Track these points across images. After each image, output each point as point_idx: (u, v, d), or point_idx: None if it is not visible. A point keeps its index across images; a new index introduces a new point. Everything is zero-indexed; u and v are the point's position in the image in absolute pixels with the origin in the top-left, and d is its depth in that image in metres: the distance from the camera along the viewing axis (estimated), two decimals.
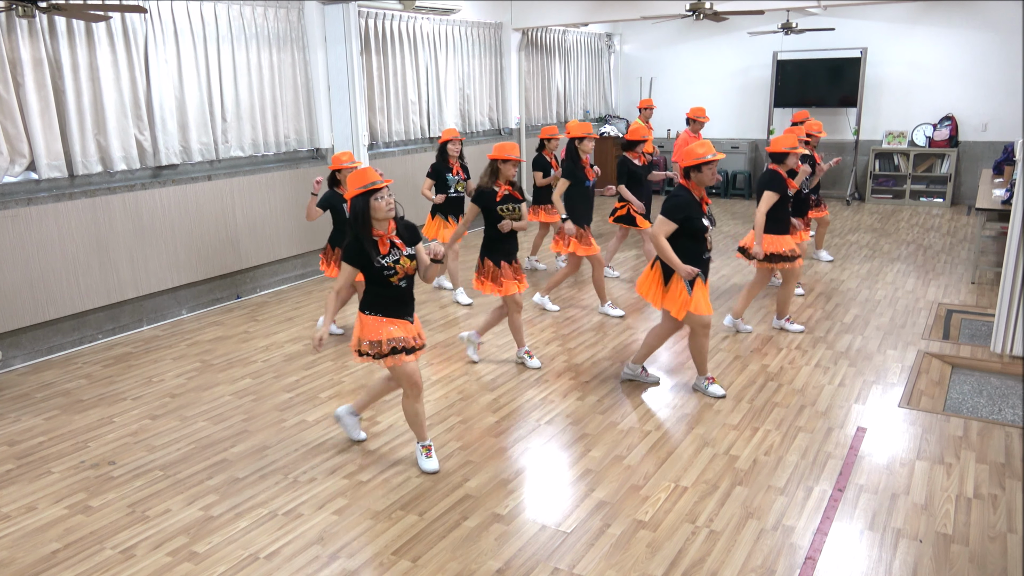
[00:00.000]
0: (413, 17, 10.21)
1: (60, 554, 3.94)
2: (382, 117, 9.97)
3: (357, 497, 4.39)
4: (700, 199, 5.25)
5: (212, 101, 7.84)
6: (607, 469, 4.65)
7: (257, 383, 6.07)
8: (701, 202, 5.26)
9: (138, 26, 7.07)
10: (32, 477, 4.71)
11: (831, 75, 13.21)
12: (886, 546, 3.86)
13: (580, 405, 5.55)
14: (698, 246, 5.29)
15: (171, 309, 7.72)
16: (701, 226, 5.22)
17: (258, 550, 3.92)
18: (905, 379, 5.89)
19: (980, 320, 7.16)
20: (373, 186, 4.21)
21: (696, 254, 5.29)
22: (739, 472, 4.58)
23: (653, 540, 3.94)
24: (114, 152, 7.00)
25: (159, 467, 4.79)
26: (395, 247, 4.36)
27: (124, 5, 5.90)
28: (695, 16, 9.44)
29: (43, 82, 6.45)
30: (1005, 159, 10.04)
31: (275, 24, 8.37)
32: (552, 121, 13.70)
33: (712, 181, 5.23)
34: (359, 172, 4.27)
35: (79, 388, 6.06)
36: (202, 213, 7.79)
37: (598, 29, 14.81)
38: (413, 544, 3.94)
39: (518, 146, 5.97)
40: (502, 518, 4.16)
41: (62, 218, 6.65)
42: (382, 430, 5.22)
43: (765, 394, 5.67)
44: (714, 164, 5.17)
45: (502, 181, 5.86)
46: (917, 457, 4.72)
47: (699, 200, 5.25)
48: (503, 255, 5.93)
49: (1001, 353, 6.28)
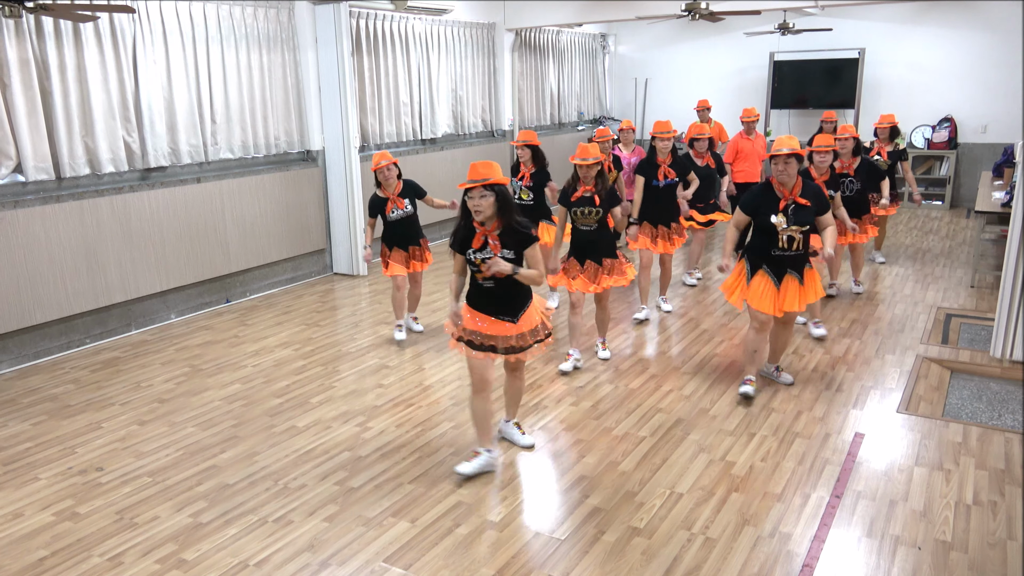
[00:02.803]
0: (405, 17, 10.16)
1: (47, 561, 3.91)
2: (373, 119, 9.91)
3: (348, 504, 4.35)
4: (783, 194, 5.29)
5: (201, 102, 7.77)
6: (601, 475, 4.60)
7: (247, 388, 6.01)
8: (783, 197, 5.28)
9: (126, 26, 6.99)
10: (18, 483, 4.66)
11: (829, 76, 13.17)
12: (884, 553, 3.83)
13: (574, 411, 5.50)
14: (766, 241, 5.36)
15: (160, 313, 7.64)
16: (766, 223, 5.29)
17: (248, 557, 3.89)
18: (903, 384, 5.84)
19: (979, 324, 7.12)
20: (464, 184, 4.24)
21: (765, 249, 5.38)
22: (735, 478, 4.54)
23: (648, 547, 3.90)
24: (102, 154, 6.93)
25: (147, 473, 4.74)
26: (487, 246, 4.30)
27: (112, 5, 5.83)
28: (690, 16, 9.39)
29: (30, 83, 6.38)
30: (1005, 161, 10.00)
31: (265, 24, 8.31)
32: (545, 123, 13.64)
33: (779, 176, 5.25)
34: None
35: (66, 393, 5.99)
36: (191, 216, 7.72)
37: (592, 30, 14.77)
38: (405, 551, 3.91)
39: (595, 147, 5.90)
40: (495, 525, 4.12)
41: (49, 221, 6.57)
42: (371, 436, 5.16)
43: (761, 400, 5.62)
44: (783, 159, 5.19)
45: (583, 183, 5.90)
46: (916, 463, 4.68)
47: (779, 195, 5.30)
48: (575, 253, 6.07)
49: (1001, 358, 6.24)
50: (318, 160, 9.10)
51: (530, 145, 7.28)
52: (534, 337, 4.52)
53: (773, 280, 5.41)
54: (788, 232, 5.27)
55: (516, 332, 4.45)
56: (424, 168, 10.18)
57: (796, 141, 5.24)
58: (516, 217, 4.34)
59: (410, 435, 5.14)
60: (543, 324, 4.58)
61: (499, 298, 4.43)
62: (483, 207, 4.21)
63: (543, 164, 7.34)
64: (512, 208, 4.32)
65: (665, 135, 7.11)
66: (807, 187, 5.33)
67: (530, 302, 4.52)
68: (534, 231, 4.40)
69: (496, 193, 4.23)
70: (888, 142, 8.71)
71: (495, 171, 4.23)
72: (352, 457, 4.89)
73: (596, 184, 5.86)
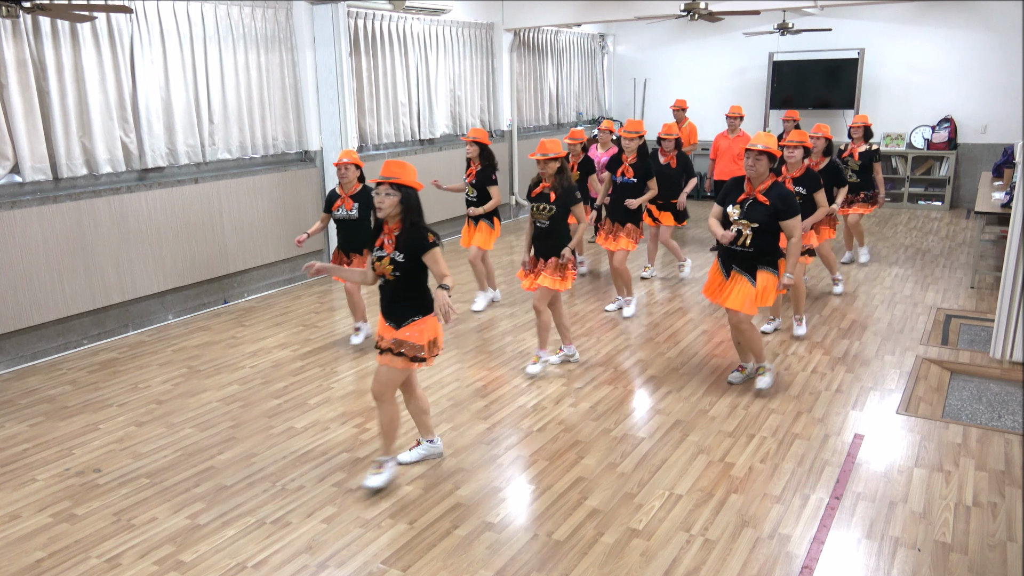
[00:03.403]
0: (403, 17, 10.14)
1: (45, 563, 3.90)
2: (372, 119, 9.89)
3: (346, 505, 4.34)
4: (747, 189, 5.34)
5: (199, 103, 7.76)
6: (600, 477, 4.59)
7: (245, 389, 5.99)
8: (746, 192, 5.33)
9: (124, 26, 6.98)
10: (16, 485, 4.65)
11: (828, 76, 13.17)
12: (884, 555, 3.82)
13: (573, 412, 5.48)
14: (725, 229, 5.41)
15: (157, 314, 7.63)
16: (724, 211, 5.37)
17: (246, 559, 3.88)
18: (903, 385, 5.83)
19: (979, 325, 7.10)
20: (374, 180, 4.28)
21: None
22: (734, 480, 4.53)
23: (647, 549, 3.89)
24: (99, 154, 6.91)
25: (145, 475, 4.73)
26: (383, 246, 4.31)
27: (109, 5, 5.82)
28: (690, 16, 9.37)
29: (27, 83, 6.36)
30: (1005, 162, 9.98)
31: (263, 24, 8.29)
32: (544, 123, 13.63)
33: (748, 171, 5.30)
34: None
35: (64, 394, 5.97)
36: (189, 216, 7.70)
37: (591, 30, 14.75)
38: (403, 553, 3.90)
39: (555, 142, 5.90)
40: (493, 526, 4.11)
41: (46, 221, 6.55)
42: (370, 437, 5.14)
43: (761, 401, 5.61)
44: (754, 154, 5.23)
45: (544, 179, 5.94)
46: (915, 464, 4.66)
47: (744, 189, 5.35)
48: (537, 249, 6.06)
49: (1000, 359, 6.23)
50: (316, 161, 9.08)
51: (479, 143, 7.36)
52: (399, 347, 4.32)
53: (722, 271, 5.50)
54: (738, 224, 5.29)
55: (393, 337, 4.33)
56: (422, 169, 10.00)
57: (773, 139, 5.24)
58: (417, 222, 4.25)
59: (408, 437, 5.12)
60: (425, 345, 4.34)
61: (388, 303, 4.38)
62: (385, 205, 4.20)
63: (491, 162, 7.43)
64: (415, 213, 4.24)
65: (630, 134, 7.26)
66: (775, 188, 5.30)
67: (420, 317, 4.32)
68: (432, 237, 4.23)
69: (402, 194, 4.21)
70: (861, 142, 8.69)
71: (407, 172, 4.23)
72: (350, 458, 4.87)
73: (554, 181, 5.86)
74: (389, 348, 4.34)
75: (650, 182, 7.36)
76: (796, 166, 6.62)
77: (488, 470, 4.70)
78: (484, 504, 4.32)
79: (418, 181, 4.28)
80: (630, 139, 7.28)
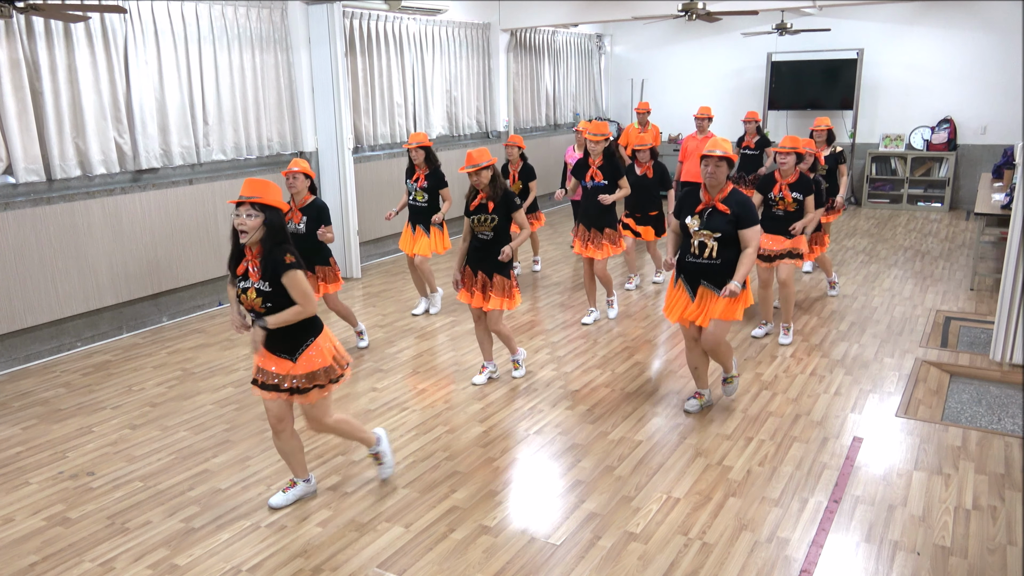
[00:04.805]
0: (399, 17, 10.12)
1: (38, 567, 3.88)
2: (367, 120, 9.87)
3: (342, 509, 4.32)
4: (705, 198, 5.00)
5: (193, 103, 7.73)
6: (597, 480, 4.56)
7: (239, 392, 5.96)
8: (704, 201, 4.99)
9: (117, 27, 6.95)
10: (9, 488, 4.62)
11: (827, 77, 13.15)
12: (883, 559, 3.80)
13: (570, 415, 5.45)
14: (685, 246, 5.11)
15: (151, 316, 7.59)
16: (684, 225, 5.05)
17: (241, 563, 3.86)
18: (902, 388, 5.81)
19: (979, 327, 7.08)
20: (233, 200, 3.96)
21: (683, 255, 5.14)
22: (732, 483, 4.50)
23: (644, 553, 3.87)
24: (93, 155, 6.88)
25: (139, 478, 4.71)
26: (248, 274, 3.98)
27: (103, 5, 5.79)
28: (687, 16, 9.35)
29: (20, 84, 6.33)
30: (1005, 163, 9.98)
31: (258, 25, 8.26)
32: (541, 124, 13.61)
33: (706, 179, 4.96)
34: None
35: (57, 397, 5.94)
36: (183, 218, 7.67)
37: (588, 30, 14.75)
38: (399, 557, 3.88)
39: (481, 152, 5.69)
40: (490, 530, 4.09)
41: (40, 223, 6.52)
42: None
43: (759, 403, 5.58)
44: (714, 160, 4.87)
45: (480, 190, 5.66)
46: (915, 468, 4.64)
47: (702, 198, 5.00)
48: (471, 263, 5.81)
49: (1000, 361, 6.20)
50: (311, 161, 9.04)
51: (423, 146, 7.25)
52: (312, 381, 4.07)
53: (687, 290, 5.13)
54: (700, 236, 4.99)
55: (298, 372, 4.05)
56: None
57: (729, 145, 5.02)
58: (281, 245, 3.94)
59: (404, 439, 5.10)
60: (330, 367, 4.13)
61: (271, 336, 4.04)
62: (248, 226, 3.86)
63: (437, 165, 7.36)
64: (278, 237, 3.94)
65: (595, 137, 6.97)
66: (733, 195, 4.98)
67: (313, 339, 4.08)
68: (290, 258, 3.93)
69: (265, 215, 3.89)
70: (824, 145, 8.52)
71: (270, 191, 3.92)
72: (346, 461, 4.85)
73: (490, 190, 5.63)
74: (298, 388, 4.07)
75: (621, 181, 7.06)
76: (789, 172, 6.57)
77: (484, 473, 4.67)
78: (480, 507, 4.30)
79: (283, 201, 3.99)
80: (595, 142, 6.96)
